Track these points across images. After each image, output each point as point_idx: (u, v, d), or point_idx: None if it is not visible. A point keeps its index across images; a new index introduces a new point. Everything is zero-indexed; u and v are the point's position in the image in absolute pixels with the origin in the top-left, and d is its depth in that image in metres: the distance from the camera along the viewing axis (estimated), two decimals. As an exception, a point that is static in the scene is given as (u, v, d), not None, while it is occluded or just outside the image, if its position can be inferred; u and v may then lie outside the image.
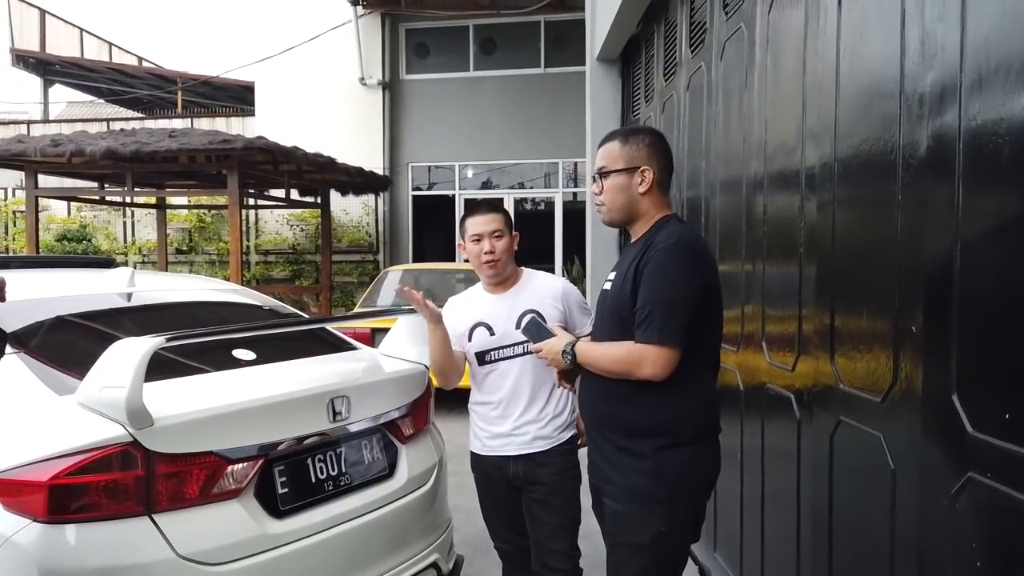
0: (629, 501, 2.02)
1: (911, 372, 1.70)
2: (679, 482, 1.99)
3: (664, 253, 1.94)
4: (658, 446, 1.98)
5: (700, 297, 1.95)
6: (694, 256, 1.97)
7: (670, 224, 2.05)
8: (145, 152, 8.43)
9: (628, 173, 2.06)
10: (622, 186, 2.07)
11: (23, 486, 1.85)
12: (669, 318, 1.90)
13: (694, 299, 1.93)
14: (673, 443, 1.98)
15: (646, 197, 2.07)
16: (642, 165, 2.06)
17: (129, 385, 1.84)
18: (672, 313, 1.91)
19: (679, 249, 1.95)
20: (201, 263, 13.08)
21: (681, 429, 1.99)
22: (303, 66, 12.39)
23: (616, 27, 5.42)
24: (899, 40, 1.74)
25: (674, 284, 1.93)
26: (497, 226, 2.57)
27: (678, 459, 1.98)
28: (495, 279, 2.60)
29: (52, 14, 16.19)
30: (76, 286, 2.85)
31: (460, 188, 12.81)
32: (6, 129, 14.17)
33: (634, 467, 2.01)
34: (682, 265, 1.94)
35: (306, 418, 2.31)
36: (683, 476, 1.99)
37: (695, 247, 2.00)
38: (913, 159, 1.69)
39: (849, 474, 2.07)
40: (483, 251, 2.56)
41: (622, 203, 2.09)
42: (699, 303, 1.94)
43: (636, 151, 2.07)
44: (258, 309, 3.16)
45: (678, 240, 1.96)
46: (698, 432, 2.02)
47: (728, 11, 3.23)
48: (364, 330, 6.25)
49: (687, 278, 1.93)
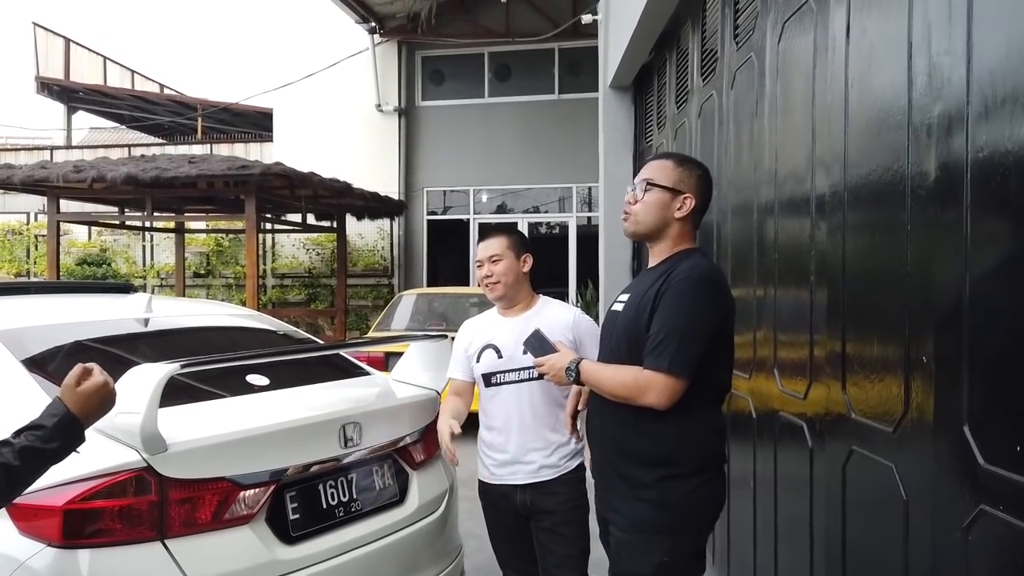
0: (633, 530, 2.02)
1: (922, 402, 1.69)
2: (683, 512, 1.98)
3: (687, 284, 1.96)
4: (662, 476, 1.98)
5: (715, 331, 1.96)
6: (716, 291, 2.00)
7: (695, 256, 2.07)
8: (165, 178, 8.57)
9: (672, 194, 2.08)
10: (662, 203, 2.08)
11: (38, 510, 1.87)
12: (682, 347, 1.91)
13: (709, 332, 1.94)
14: (677, 473, 1.98)
15: (679, 223, 2.09)
16: (687, 192, 2.08)
17: (144, 411, 1.87)
18: (685, 343, 1.91)
19: (703, 282, 1.97)
20: (218, 286, 13.21)
21: (686, 459, 1.99)
22: (321, 93, 12.57)
23: (629, 55, 5.48)
24: (906, 72, 1.76)
25: (692, 314, 1.94)
26: (494, 251, 2.60)
27: (682, 489, 1.98)
28: (500, 302, 2.62)
29: (77, 43, 16.55)
30: (95, 312, 2.89)
31: (475, 212, 12.88)
32: (30, 155, 14.45)
33: (638, 496, 2.01)
34: (703, 298, 1.96)
35: (318, 444, 2.33)
36: (687, 506, 1.99)
37: (718, 283, 2.04)
38: (922, 188, 1.70)
39: (862, 504, 2.05)
40: (482, 275, 2.61)
41: (654, 220, 2.09)
42: (713, 337, 1.95)
43: (687, 177, 2.10)
44: (272, 334, 3.19)
45: (703, 273, 1.99)
46: (703, 463, 2.01)
47: (738, 41, 3.26)
48: (378, 354, 6.27)
49: (706, 311, 1.95)
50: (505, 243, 2.62)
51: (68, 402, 1.59)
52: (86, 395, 1.60)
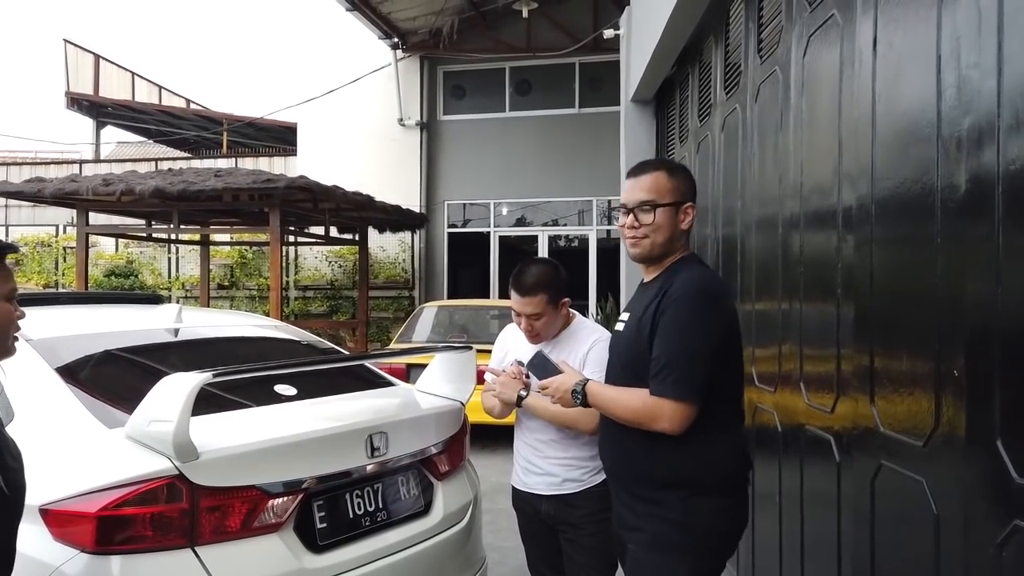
0: (653, 550, 1.95)
1: (953, 416, 1.68)
2: (708, 533, 1.92)
3: (684, 301, 1.87)
4: (686, 496, 1.92)
5: (720, 345, 1.88)
6: (713, 303, 1.90)
7: (690, 267, 1.98)
8: (191, 191, 8.70)
9: (675, 208, 1.97)
10: (670, 221, 1.97)
11: (72, 517, 1.90)
12: (687, 371, 1.83)
13: (713, 350, 1.86)
14: (701, 493, 1.92)
15: (680, 236, 2.01)
16: (687, 202, 2.00)
17: (177, 419, 1.90)
18: (690, 366, 1.84)
19: (699, 296, 1.88)
20: (242, 298, 13.34)
21: (708, 479, 1.93)
22: (344, 108, 12.72)
23: (651, 69, 5.50)
24: (935, 85, 1.76)
25: (693, 335, 1.85)
26: (534, 310, 2.48)
27: (707, 509, 1.92)
28: (538, 341, 2.61)
29: (106, 59, 16.88)
30: (127, 322, 2.94)
31: (495, 225, 12.93)
32: (60, 169, 14.72)
33: (660, 516, 1.93)
34: (701, 314, 1.87)
35: (345, 453, 2.35)
36: (712, 527, 1.93)
37: (715, 293, 1.93)
38: (952, 201, 1.69)
39: (891, 520, 2.03)
40: (523, 327, 2.54)
41: (665, 239, 1.97)
42: (719, 352, 1.87)
43: (684, 186, 2.00)
44: (297, 344, 3.23)
45: (699, 286, 1.90)
46: (726, 482, 1.96)
47: (763, 55, 3.27)
48: (400, 366, 6.30)
49: (706, 328, 1.87)
50: (544, 300, 2.47)
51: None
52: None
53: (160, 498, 1.94)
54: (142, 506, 1.92)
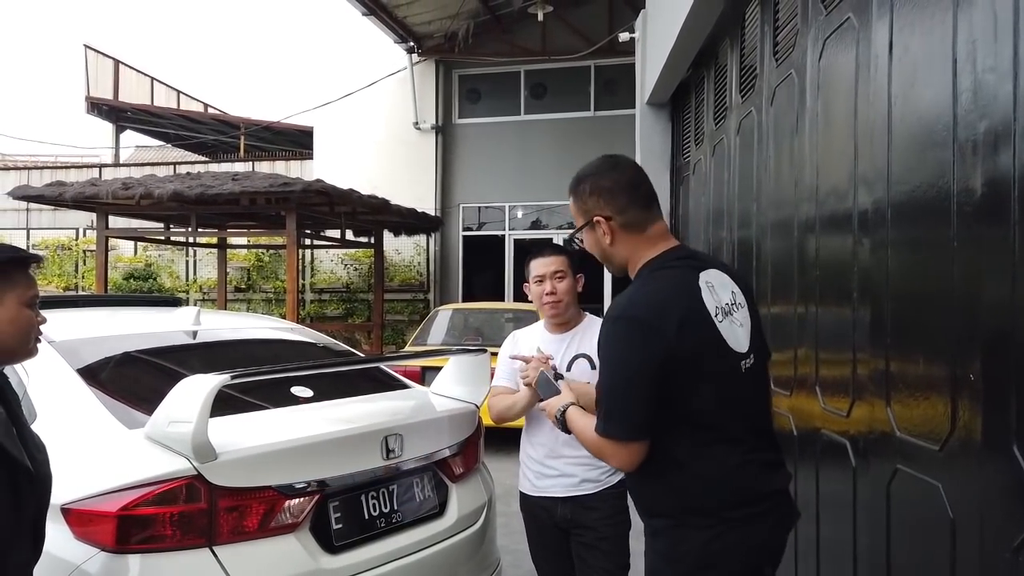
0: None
1: (969, 420, 1.67)
2: (695, 569, 1.67)
3: (604, 330, 1.71)
4: (668, 525, 1.72)
5: (656, 372, 1.62)
6: (636, 330, 1.65)
7: (634, 283, 1.77)
8: (209, 195, 8.78)
9: (590, 228, 1.80)
10: (592, 243, 1.82)
11: (93, 516, 1.93)
12: (615, 407, 1.66)
13: (643, 383, 1.62)
14: (682, 524, 1.69)
15: (617, 246, 1.78)
16: (595, 215, 1.77)
17: (196, 420, 1.92)
18: (618, 402, 1.65)
19: (620, 324, 1.68)
20: (258, 301, 13.44)
21: (683, 510, 1.69)
22: (359, 111, 12.79)
23: (666, 72, 5.50)
24: (951, 88, 1.75)
25: (616, 367, 1.67)
26: (558, 267, 2.59)
27: (692, 541, 1.67)
28: (557, 319, 2.63)
29: (125, 64, 17.09)
30: (147, 324, 2.98)
31: (510, 228, 12.95)
32: (80, 173, 14.92)
33: (652, 546, 1.78)
34: (623, 343, 1.66)
35: (360, 455, 2.36)
36: (700, 562, 1.66)
37: (639, 319, 1.66)
38: (968, 205, 1.69)
39: (907, 525, 2.02)
40: (544, 292, 2.58)
41: (602, 257, 1.83)
42: (657, 380, 1.62)
43: (583, 203, 1.80)
44: (313, 346, 3.26)
45: (622, 312, 1.69)
46: (712, 513, 1.67)
47: (778, 58, 3.26)
48: (414, 368, 6.32)
49: (630, 357, 1.64)
50: (566, 261, 2.62)
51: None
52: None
53: (179, 498, 1.96)
54: (161, 506, 1.94)
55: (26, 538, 1.48)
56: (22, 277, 1.50)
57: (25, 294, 1.49)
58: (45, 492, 1.54)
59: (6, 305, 1.47)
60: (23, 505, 1.43)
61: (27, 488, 1.43)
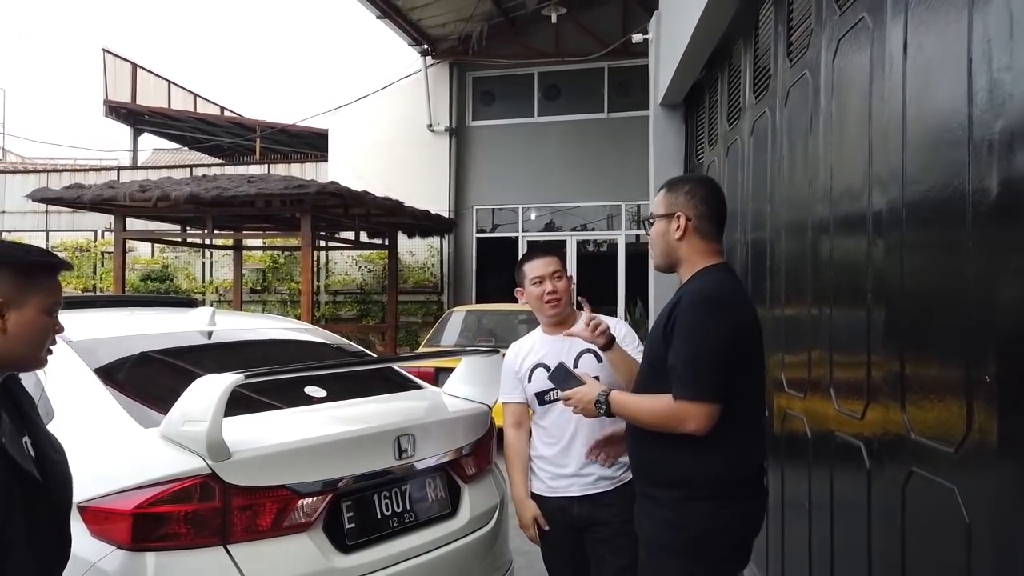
0: (649, 550, 2.04)
1: (985, 422, 1.65)
2: (699, 537, 1.95)
3: (689, 309, 1.97)
4: (679, 497, 1.97)
5: (731, 350, 1.94)
6: (718, 310, 1.96)
7: (705, 276, 2.06)
8: (225, 197, 8.84)
9: (666, 219, 2.12)
10: (661, 232, 2.13)
11: (109, 514, 1.95)
12: (702, 373, 1.91)
13: (724, 352, 1.93)
14: (694, 496, 1.96)
15: (683, 243, 2.09)
16: (677, 211, 2.10)
17: (210, 420, 1.94)
18: (705, 368, 1.91)
19: (703, 305, 1.97)
20: (273, 302, 13.53)
21: (704, 482, 1.96)
22: (374, 114, 12.85)
23: (680, 73, 5.48)
24: (966, 88, 1.74)
25: (701, 341, 1.93)
26: (556, 267, 2.64)
27: (699, 512, 1.95)
28: (556, 319, 2.64)
29: (143, 67, 17.26)
30: (163, 325, 3.01)
31: (523, 230, 12.96)
32: (98, 175, 15.08)
33: (656, 516, 2.02)
34: (707, 321, 1.94)
35: (373, 455, 2.37)
36: (704, 531, 1.95)
37: (720, 300, 1.99)
38: (983, 205, 1.67)
39: (922, 528, 2.00)
40: (546, 291, 2.60)
41: (661, 249, 2.15)
42: (732, 357, 1.93)
43: (674, 198, 2.12)
44: (327, 347, 3.27)
45: (705, 295, 1.99)
46: (726, 487, 1.97)
47: (792, 58, 3.25)
48: (428, 369, 6.34)
49: (713, 332, 1.93)
50: (559, 261, 2.69)
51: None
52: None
53: (193, 497, 1.98)
54: (176, 504, 1.96)
55: (49, 542, 1.45)
56: (48, 282, 1.45)
57: (47, 300, 1.44)
58: (64, 493, 1.51)
59: (26, 309, 1.41)
60: (35, 514, 1.38)
61: (36, 495, 1.39)
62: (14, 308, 1.40)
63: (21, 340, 1.41)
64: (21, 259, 1.42)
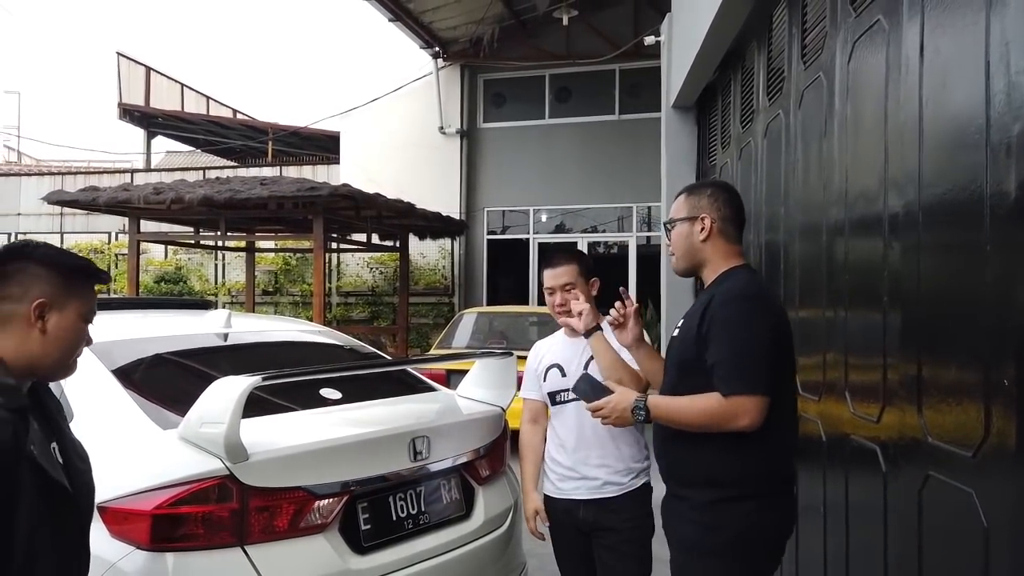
0: (681, 551, 2.03)
1: (1003, 426, 1.65)
2: (735, 538, 1.95)
3: (728, 309, 1.98)
4: (716, 498, 1.97)
5: (774, 338, 1.98)
6: (756, 306, 2.00)
7: (734, 276, 2.08)
8: (238, 199, 8.90)
9: (689, 222, 2.14)
10: (684, 234, 2.16)
11: (129, 514, 1.97)
12: (750, 366, 1.92)
13: (768, 346, 1.95)
14: (730, 496, 1.96)
15: (707, 245, 2.12)
16: (702, 213, 2.12)
17: (228, 421, 1.96)
18: (752, 361, 1.92)
19: (741, 300, 2.00)
20: (286, 304, 13.58)
21: (738, 481, 1.96)
22: (385, 116, 12.89)
23: (692, 75, 5.48)
24: (984, 90, 1.73)
25: (745, 334, 1.95)
26: (568, 279, 2.56)
27: (737, 513, 1.95)
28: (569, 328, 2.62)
29: (157, 71, 17.37)
30: (179, 327, 3.04)
31: (534, 232, 12.96)
32: (112, 178, 15.19)
33: (688, 517, 2.01)
34: (746, 315, 1.97)
35: (388, 457, 2.39)
36: (743, 531, 1.95)
37: (758, 297, 2.04)
38: (1001, 208, 1.67)
39: (939, 533, 1.99)
40: (556, 303, 2.58)
41: (684, 251, 2.17)
42: (773, 352, 1.96)
43: (697, 201, 2.15)
44: (340, 349, 3.29)
45: (738, 292, 2.01)
46: (762, 486, 1.98)
47: (806, 60, 3.24)
48: (439, 371, 6.36)
49: (755, 327, 1.96)
50: (576, 270, 2.59)
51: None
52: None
53: (212, 497, 2.00)
54: (195, 505, 1.98)
55: (72, 552, 1.45)
56: (87, 290, 1.47)
57: (85, 307, 1.46)
58: (88, 502, 1.50)
59: (68, 312, 1.42)
60: (62, 523, 1.38)
61: (63, 504, 1.38)
62: (56, 310, 1.41)
63: (58, 343, 1.42)
64: (65, 262, 1.44)
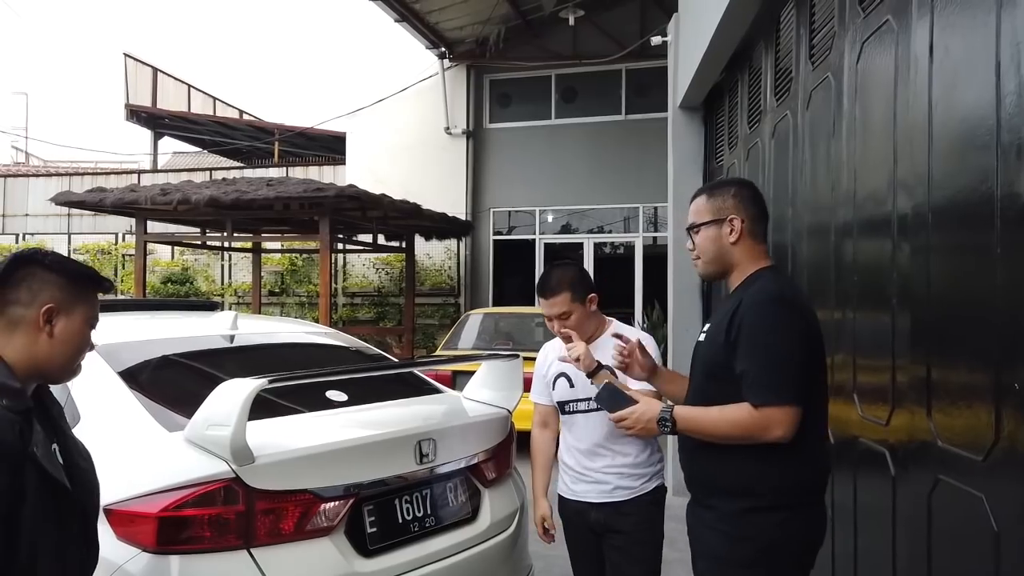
0: (708, 560, 1.96)
1: (1014, 430, 1.63)
2: (768, 548, 1.87)
3: (759, 310, 1.89)
4: (745, 507, 1.88)
5: (807, 343, 1.88)
6: (786, 310, 1.90)
7: (764, 277, 1.98)
8: (244, 200, 8.91)
9: (716, 224, 2.03)
10: (712, 238, 2.04)
11: (135, 517, 1.97)
12: (782, 375, 1.83)
13: (800, 352, 1.86)
14: (760, 506, 1.87)
15: (737, 247, 2.02)
16: (730, 215, 2.02)
17: (234, 424, 1.95)
18: (784, 370, 1.84)
19: (771, 304, 1.89)
20: (292, 304, 13.60)
21: (768, 490, 1.88)
22: (391, 117, 12.90)
23: (699, 75, 5.46)
24: (994, 91, 1.72)
25: (776, 341, 1.86)
26: (562, 309, 2.53)
27: (767, 523, 1.87)
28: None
29: (163, 72, 17.44)
30: (185, 328, 3.04)
31: (540, 232, 12.95)
32: (119, 179, 15.25)
33: (716, 527, 1.93)
34: (777, 321, 1.88)
35: (395, 459, 2.38)
36: (773, 541, 1.88)
37: (789, 299, 1.93)
38: (1012, 210, 1.65)
39: (949, 536, 1.98)
40: (554, 328, 2.57)
41: (713, 255, 2.05)
42: (805, 357, 1.87)
43: (722, 202, 2.04)
44: (347, 351, 3.29)
45: (771, 295, 1.91)
46: (793, 496, 1.90)
47: (814, 61, 3.22)
48: (445, 372, 6.35)
49: (785, 333, 1.86)
50: (568, 298, 2.53)
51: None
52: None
53: (218, 500, 1.99)
54: (200, 507, 1.98)
55: (76, 550, 1.48)
56: (91, 296, 1.54)
57: (90, 312, 1.53)
58: (91, 500, 1.54)
59: (74, 317, 1.49)
60: (64, 521, 1.42)
61: (65, 503, 1.42)
62: (64, 314, 1.48)
63: (65, 347, 1.48)
64: (72, 269, 1.51)
